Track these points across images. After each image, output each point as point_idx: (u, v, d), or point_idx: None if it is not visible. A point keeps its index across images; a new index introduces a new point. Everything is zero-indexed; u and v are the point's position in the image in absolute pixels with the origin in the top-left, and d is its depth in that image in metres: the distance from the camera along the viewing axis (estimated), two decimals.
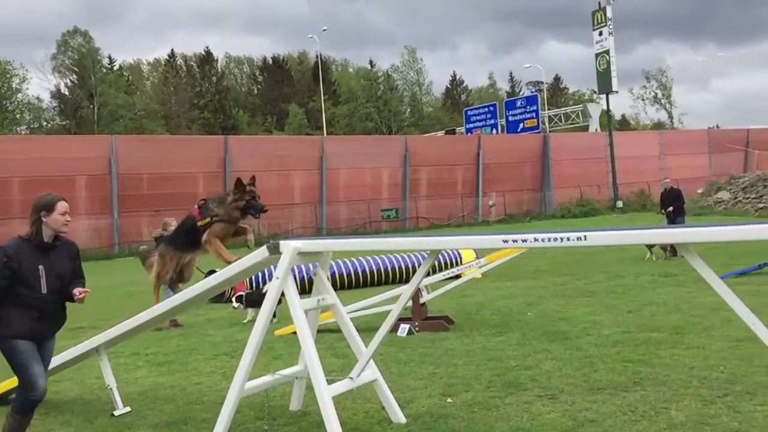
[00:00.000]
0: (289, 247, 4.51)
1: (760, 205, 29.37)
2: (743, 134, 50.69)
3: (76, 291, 4.58)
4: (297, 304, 4.50)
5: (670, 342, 6.84)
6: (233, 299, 10.16)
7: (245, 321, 9.95)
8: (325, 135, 51.12)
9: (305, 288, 8.88)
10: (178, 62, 72.86)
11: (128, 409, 5.60)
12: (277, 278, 4.54)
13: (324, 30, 57.98)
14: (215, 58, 74.46)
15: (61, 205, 4.52)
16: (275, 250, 4.59)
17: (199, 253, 5.94)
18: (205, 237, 5.33)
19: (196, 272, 7.92)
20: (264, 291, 10.06)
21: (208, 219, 5.25)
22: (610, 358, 6.35)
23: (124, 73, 70.13)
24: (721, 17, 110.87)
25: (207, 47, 73.89)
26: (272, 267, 4.77)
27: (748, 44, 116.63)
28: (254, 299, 10.08)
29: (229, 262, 5.13)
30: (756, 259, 11.77)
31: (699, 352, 6.35)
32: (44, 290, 4.45)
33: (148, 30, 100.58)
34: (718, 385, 5.24)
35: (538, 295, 10.80)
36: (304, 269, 10.72)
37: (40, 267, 4.44)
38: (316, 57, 64.14)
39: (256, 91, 78.07)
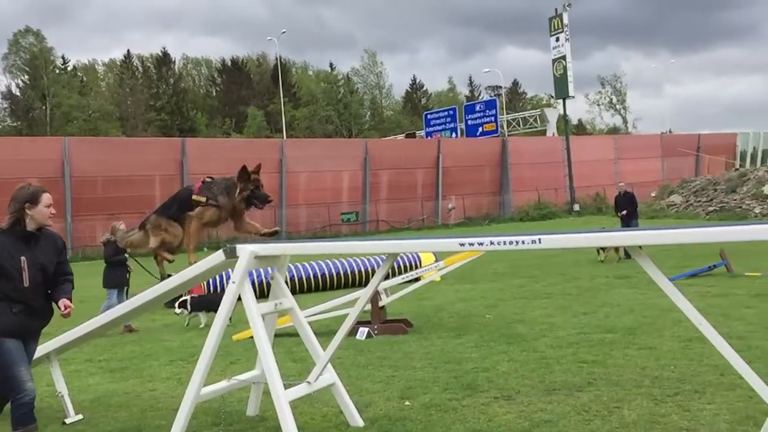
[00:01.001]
0: (245, 251, 4.48)
1: (711, 209, 30.19)
2: (694, 139, 52.13)
3: (62, 304, 4.37)
4: (254, 309, 4.46)
5: (624, 343, 6.98)
6: (176, 305, 10.05)
7: (201, 326, 9.85)
8: (284, 138, 50.88)
9: (264, 292, 8.83)
10: (134, 63, 71.69)
11: (80, 416, 5.47)
12: (234, 282, 4.50)
13: (283, 32, 57.72)
14: (172, 60, 73.58)
15: (46, 197, 4.34)
16: (232, 254, 4.55)
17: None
18: (193, 214, 5.03)
19: (149, 278, 7.80)
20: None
21: (204, 199, 4.98)
22: (565, 359, 6.45)
23: (78, 74, 68.70)
24: (674, 25, 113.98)
25: (164, 48, 73.07)
26: (230, 270, 4.73)
27: (699, 52, 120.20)
28: (200, 303, 10.06)
29: (189, 261, 5.03)
30: (706, 261, 12.09)
31: (651, 352, 6.49)
32: (26, 283, 4.24)
33: (103, 30, 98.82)
34: (668, 384, 5.36)
35: (496, 298, 10.91)
36: (262, 273, 10.64)
37: (22, 258, 4.23)
38: (276, 59, 63.85)
39: (214, 93, 77.24)
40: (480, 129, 50.39)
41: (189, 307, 10.03)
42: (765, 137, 56.43)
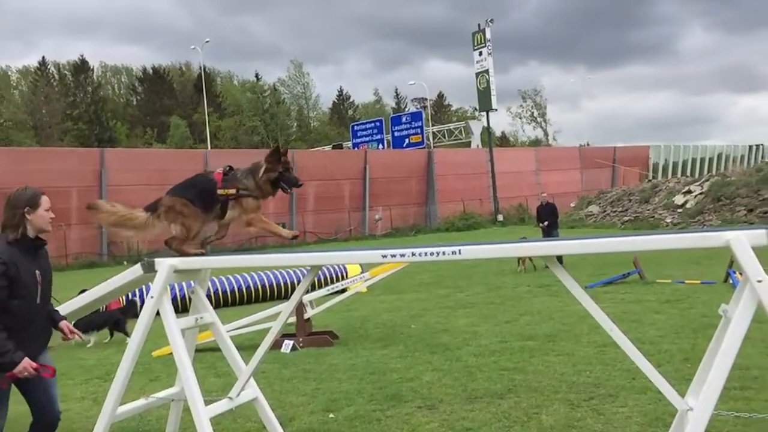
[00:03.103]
0: (164, 264, 4.37)
1: (626, 218, 31.44)
2: (610, 152, 54.32)
3: (65, 327, 4.00)
4: (173, 324, 4.35)
5: (543, 350, 7.18)
6: None
7: (88, 345, 9.69)
8: (209, 148, 50.00)
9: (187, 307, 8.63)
10: (50, 70, 69.05)
11: None
12: (152, 297, 4.39)
13: (207, 41, 56.76)
14: (90, 67, 71.21)
15: (45, 200, 3.98)
16: (150, 268, 4.44)
17: (208, 221, 4.77)
18: (249, 218, 4.46)
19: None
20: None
21: (234, 190, 4.42)
22: (487, 367, 6.58)
23: None
24: (589, 43, 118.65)
25: (81, 55, 70.65)
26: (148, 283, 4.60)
27: (614, 68, 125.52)
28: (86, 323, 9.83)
29: (285, 237, 4.52)
30: (621, 269, 12.58)
31: (568, 358, 6.70)
32: (38, 299, 3.83)
33: (16, 35, 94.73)
34: (584, 389, 5.55)
35: (421, 308, 11.02)
36: (185, 287, 10.42)
37: (37, 272, 3.83)
38: (200, 68, 62.70)
39: (135, 102, 75.25)
40: (406, 140, 50.95)
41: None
42: (675, 150, 59.38)
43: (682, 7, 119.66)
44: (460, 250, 3.94)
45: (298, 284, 13.24)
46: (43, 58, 68.84)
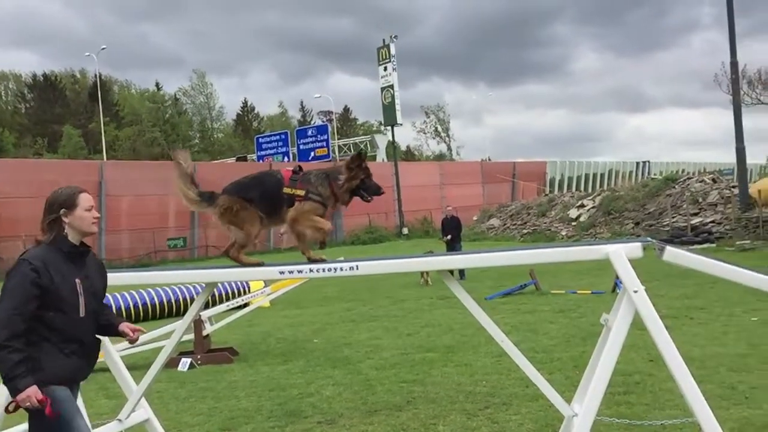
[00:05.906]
0: None
1: (525, 231, 32.61)
2: (510, 167, 56.22)
3: (126, 328, 3.62)
4: None
5: (442, 361, 7.32)
6: None
7: None
8: (105, 159, 48.08)
9: None
10: None
11: None
12: None
13: (103, 48, 54.71)
14: None
15: (84, 198, 3.48)
16: None
17: (270, 226, 4.46)
18: (293, 214, 4.15)
19: None
20: None
21: (302, 192, 4.11)
22: (387, 379, 6.64)
23: None
24: (489, 61, 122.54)
25: None
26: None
27: (512, 86, 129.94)
28: None
29: (309, 259, 4.20)
30: (519, 280, 13.02)
31: (466, 368, 6.87)
32: (83, 312, 3.37)
33: None
34: (480, 398, 5.70)
35: (324, 322, 10.99)
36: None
37: (77, 281, 3.37)
38: (95, 76, 60.23)
39: (24, 110, 71.34)
40: (312, 154, 50.81)
41: None
42: (570, 165, 62.24)
43: (574, 30, 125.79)
44: (357, 266, 3.99)
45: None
46: None
